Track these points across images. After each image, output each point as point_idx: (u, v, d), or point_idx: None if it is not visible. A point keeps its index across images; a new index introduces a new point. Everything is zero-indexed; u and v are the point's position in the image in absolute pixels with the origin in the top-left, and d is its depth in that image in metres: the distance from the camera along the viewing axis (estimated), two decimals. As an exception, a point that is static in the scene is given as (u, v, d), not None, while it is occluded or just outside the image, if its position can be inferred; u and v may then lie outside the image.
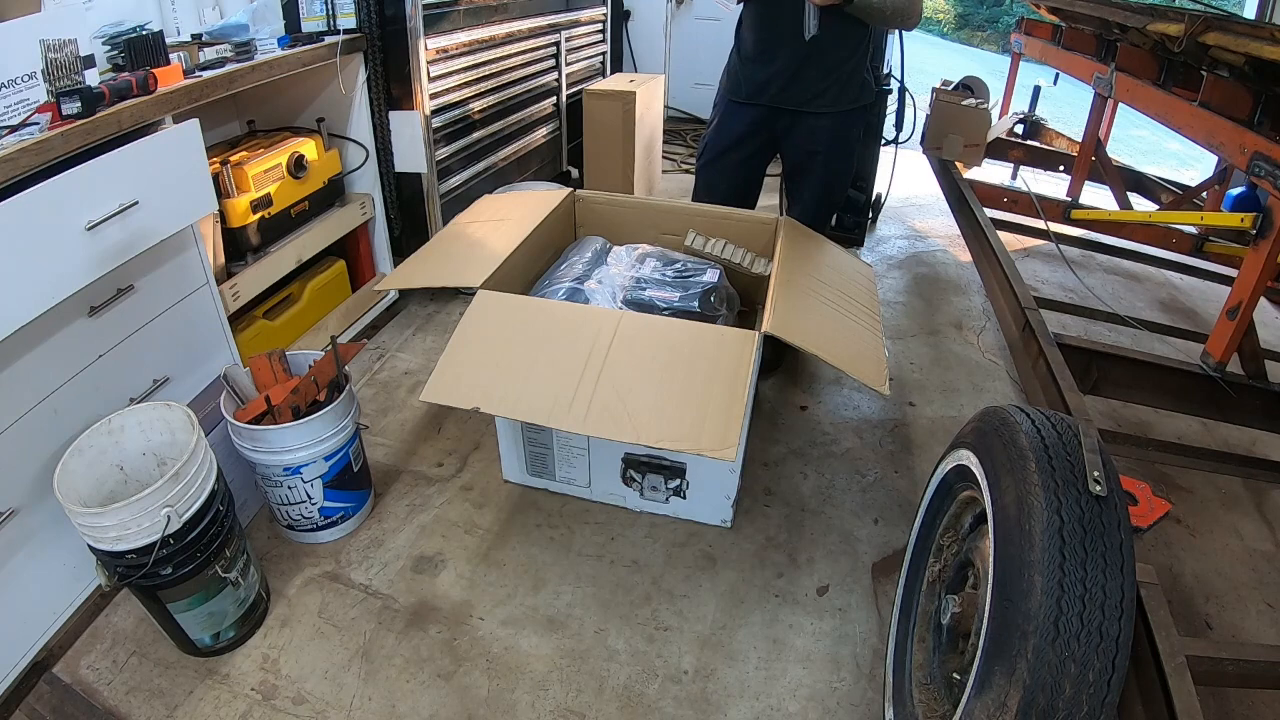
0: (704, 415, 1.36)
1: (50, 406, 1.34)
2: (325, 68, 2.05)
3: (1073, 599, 0.89)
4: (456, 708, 1.36)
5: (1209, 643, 1.08)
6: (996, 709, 0.90)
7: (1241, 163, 1.66)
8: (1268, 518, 1.89)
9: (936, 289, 2.98)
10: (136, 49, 1.55)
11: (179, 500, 1.24)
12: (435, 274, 1.83)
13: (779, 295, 1.61)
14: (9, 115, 1.30)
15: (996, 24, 15.78)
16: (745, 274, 1.99)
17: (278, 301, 2.16)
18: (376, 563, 1.65)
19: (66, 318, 1.35)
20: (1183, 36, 1.78)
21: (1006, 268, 2.20)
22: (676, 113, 5.00)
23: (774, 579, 1.65)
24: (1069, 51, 2.96)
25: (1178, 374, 1.79)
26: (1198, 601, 1.64)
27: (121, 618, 1.50)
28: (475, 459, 1.96)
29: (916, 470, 1.97)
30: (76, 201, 1.25)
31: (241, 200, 1.88)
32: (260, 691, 1.38)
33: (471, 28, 2.52)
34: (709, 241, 2.02)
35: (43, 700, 1.34)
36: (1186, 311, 2.97)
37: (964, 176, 3.03)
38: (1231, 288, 1.71)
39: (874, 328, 1.69)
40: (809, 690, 1.42)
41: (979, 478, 1.15)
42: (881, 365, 1.53)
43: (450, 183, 2.59)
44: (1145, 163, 4.76)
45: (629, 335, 1.50)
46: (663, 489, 1.74)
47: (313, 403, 1.60)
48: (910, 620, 1.37)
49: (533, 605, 1.56)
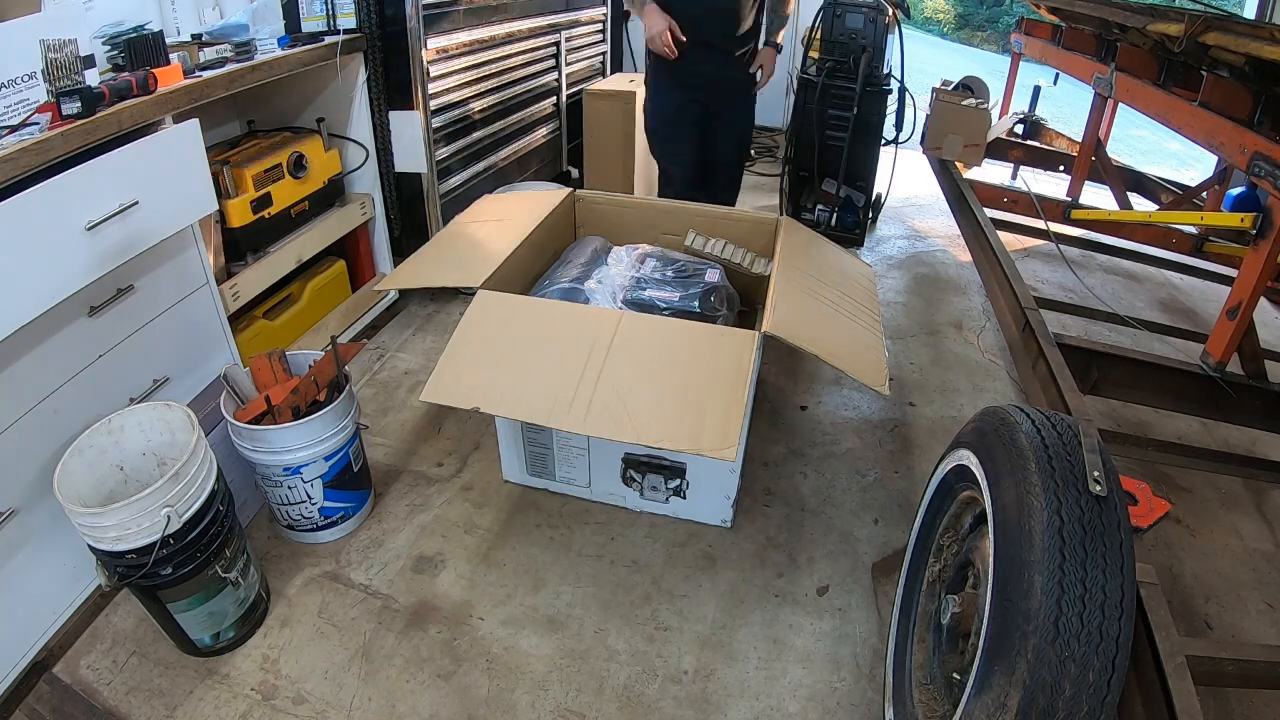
0: (704, 415, 1.36)
1: (50, 406, 1.34)
2: (325, 68, 2.05)
3: (1073, 599, 0.89)
4: (456, 708, 1.36)
5: (1209, 643, 1.08)
6: (996, 709, 0.90)
7: (1241, 163, 1.66)
8: (1268, 518, 1.89)
9: (936, 289, 2.98)
10: (136, 49, 1.55)
11: (179, 500, 1.24)
12: (435, 274, 1.83)
13: (780, 295, 1.61)
14: (9, 115, 1.30)
15: (996, 24, 15.78)
16: (745, 274, 1.99)
17: (278, 301, 2.16)
18: (376, 563, 1.65)
19: (66, 318, 1.35)
20: (1183, 36, 1.78)
21: (1006, 268, 2.20)
22: (676, 113, 4.99)
23: (774, 579, 1.65)
24: (1069, 51, 2.96)
25: (1178, 374, 1.79)
26: (1198, 601, 1.64)
27: (121, 618, 1.50)
28: (475, 459, 1.96)
29: (916, 470, 1.97)
30: (76, 201, 1.25)
31: (241, 200, 1.88)
32: (260, 691, 1.38)
33: (471, 28, 2.52)
34: (709, 242, 2.02)
35: (43, 700, 1.34)
36: (1186, 311, 2.97)
37: (964, 176, 3.03)
38: (1231, 288, 1.71)
39: (874, 328, 1.69)
40: (809, 690, 1.42)
41: (979, 478, 1.15)
42: (881, 366, 1.53)
43: (450, 183, 2.59)
44: (1145, 163, 4.76)
45: (629, 335, 1.50)
46: (663, 489, 1.74)
47: (313, 403, 1.60)
48: (910, 620, 1.37)
49: (533, 605, 1.56)
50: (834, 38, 2.72)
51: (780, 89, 4.81)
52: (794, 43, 4.55)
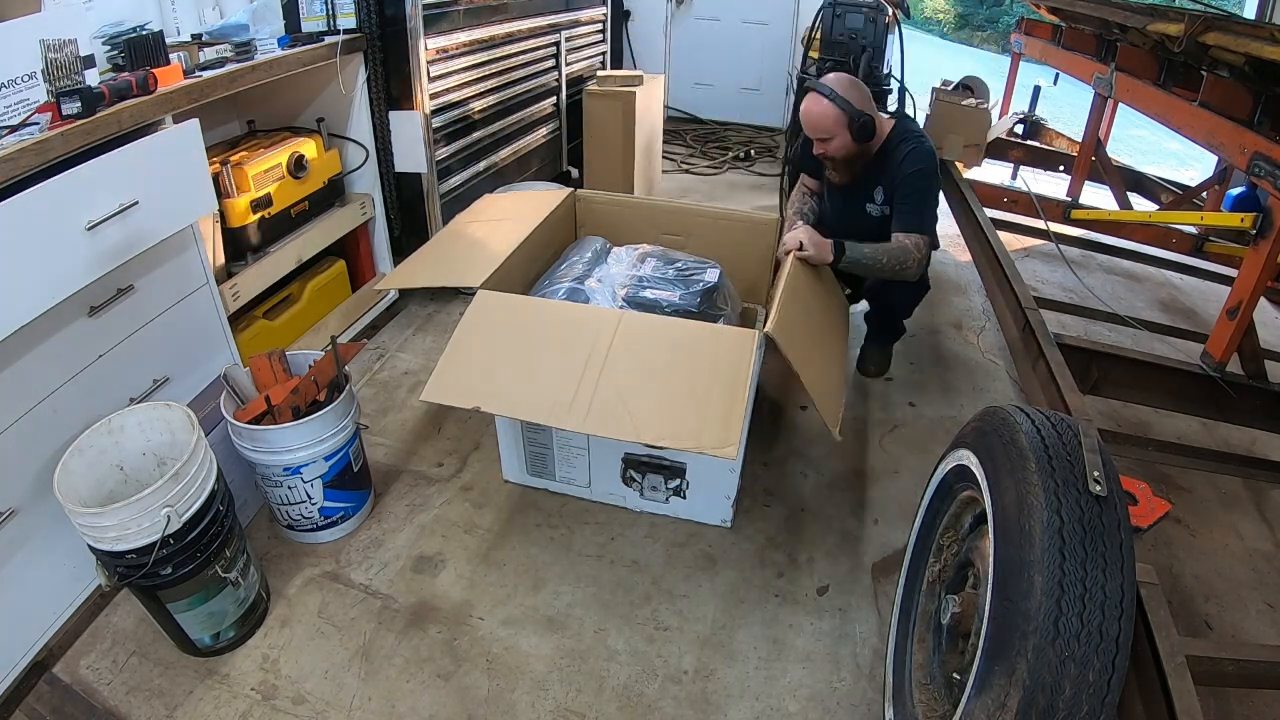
0: (705, 414, 1.36)
1: (50, 406, 1.34)
2: (325, 68, 2.05)
3: (1073, 599, 0.89)
4: (456, 708, 1.36)
5: (1209, 643, 1.09)
6: (996, 709, 0.90)
7: (1241, 163, 1.66)
8: (1268, 518, 1.89)
9: (936, 289, 2.97)
10: (136, 49, 1.55)
11: (179, 500, 1.24)
12: (435, 274, 1.83)
13: (785, 302, 1.59)
14: (9, 115, 1.29)
15: (996, 24, 15.78)
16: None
17: (278, 301, 2.16)
18: (376, 563, 1.65)
19: (66, 318, 1.35)
20: (1183, 36, 1.78)
21: (1006, 268, 2.21)
22: (676, 113, 5.01)
23: (774, 579, 1.65)
24: (1069, 51, 2.96)
25: (1178, 374, 1.79)
26: (1198, 601, 1.64)
27: (121, 618, 1.50)
28: (475, 459, 1.96)
29: (916, 470, 1.97)
30: (76, 201, 1.25)
31: (241, 200, 1.88)
32: (260, 691, 1.38)
33: (471, 27, 2.52)
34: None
35: (43, 700, 1.34)
36: (1186, 311, 2.97)
37: (964, 176, 3.03)
38: (1231, 288, 1.71)
39: (841, 368, 1.72)
40: (809, 690, 1.42)
41: (979, 478, 1.15)
42: (839, 407, 1.55)
43: (450, 182, 2.59)
44: (1145, 163, 4.76)
45: (629, 334, 1.50)
46: (663, 489, 1.74)
47: (313, 403, 1.60)
48: (910, 620, 1.37)
49: (533, 605, 1.56)
50: (834, 38, 2.71)
51: (780, 89, 4.82)
52: (794, 43, 4.56)
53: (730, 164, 4.36)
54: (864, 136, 1.92)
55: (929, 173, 1.93)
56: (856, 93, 1.91)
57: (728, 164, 4.36)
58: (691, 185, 4.08)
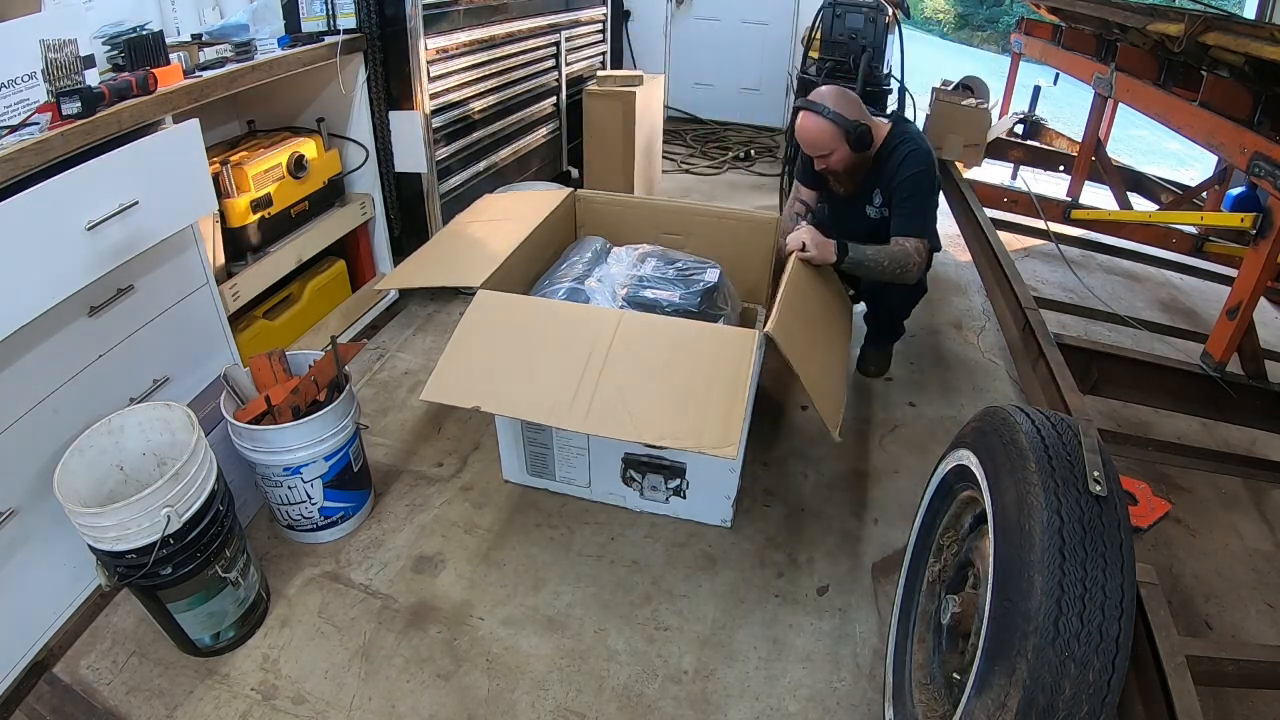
0: (705, 413, 1.36)
1: (50, 406, 1.34)
2: (325, 68, 2.05)
3: (1073, 599, 0.89)
4: (456, 708, 1.36)
5: (1209, 643, 1.09)
6: (996, 709, 0.90)
7: (1241, 163, 1.66)
8: (1268, 518, 1.89)
9: (936, 289, 2.98)
10: (136, 49, 1.55)
11: (179, 500, 1.24)
12: (435, 274, 1.83)
13: (786, 301, 1.59)
14: (9, 115, 1.29)
15: (996, 24, 15.78)
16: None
17: (278, 301, 2.16)
18: (376, 563, 1.65)
19: (66, 318, 1.35)
20: (1183, 36, 1.78)
21: (1006, 268, 2.21)
22: (676, 113, 5.01)
23: (774, 579, 1.65)
24: (1069, 51, 2.96)
25: (1178, 374, 1.79)
26: (1198, 601, 1.64)
27: (121, 618, 1.50)
28: (475, 459, 1.96)
29: (916, 470, 1.97)
30: (76, 201, 1.25)
31: (241, 200, 1.88)
32: (260, 691, 1.38)
33: (471, 27, 2.52)
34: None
35: (43, 700, 1.34)
36: (1186, 311, 2.97)
37: (964, 176, 3.03)
38: (1231, 288, 1.71)
39: (843, 368, 1.71)
40: (809, 690, 1.42)
41: (979, 478, 1.15)
42: (839, 407, 1.55)
43: (450, 182, 2.59)
44: (1145, 163, 4.76)
45: (630, 334, 1.50)
46: (663, 489, 1.74)
47: (313, 403, 1.60)
48: (910, 620, 1.37)
49: (533, 605, 1.56)
50: (834, 38, 2.72)
51: (780, 89, 4.82)
52: (794, 43, 4.57)
53: (730, 164, 4.36)
54: (862, 145, 1.92)
55: (927, 174, 1.93)
56: (847, 103, 1.91)
57: (728, 164, 4.36)
58: (691, 185, 4.09)
